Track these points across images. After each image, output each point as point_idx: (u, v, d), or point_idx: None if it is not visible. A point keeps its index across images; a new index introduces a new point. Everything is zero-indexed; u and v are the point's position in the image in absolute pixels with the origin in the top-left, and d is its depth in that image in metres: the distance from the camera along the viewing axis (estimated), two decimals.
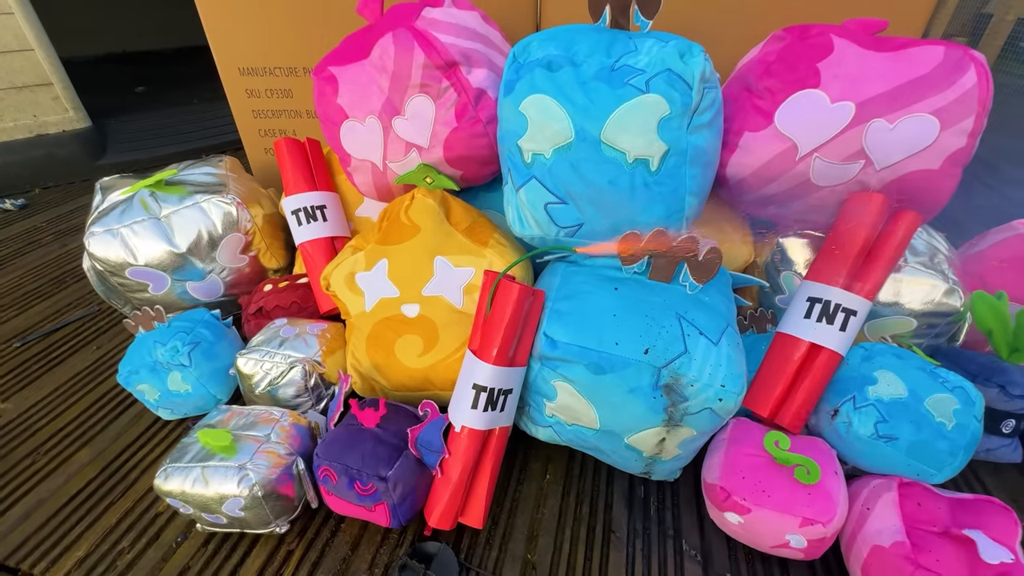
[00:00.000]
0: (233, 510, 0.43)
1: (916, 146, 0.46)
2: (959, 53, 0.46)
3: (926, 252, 0.56)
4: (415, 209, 0.55)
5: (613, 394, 0.44)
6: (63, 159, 1.22)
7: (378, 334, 0.53)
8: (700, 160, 0.46)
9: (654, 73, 0.43)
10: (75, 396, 0.65)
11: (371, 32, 0.56)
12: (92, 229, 0.62)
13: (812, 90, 0.48)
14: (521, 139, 0.48)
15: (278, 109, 0.81)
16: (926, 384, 0.45)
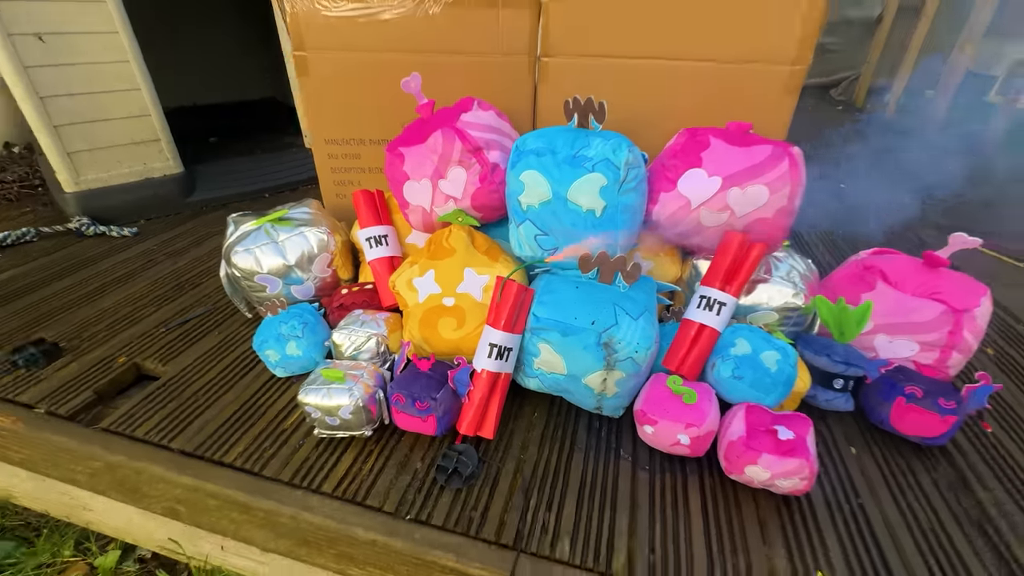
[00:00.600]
0: (344, 414, 0.71)
1: (757, 203, 0.77)
2: (781, 148, 0.77)
3: (785, 270, 0.85)
4: (452, 237, 0.85)
5: (573, 349, 0.73)
6: (163, 197, 1.56)
7: (426, 317, 0.82)
8: (628, 211, 0.77)
9: (598, 160, 0.74)
10: (212, 362, 0.94)
11: (426, 125, 0.88)
12: (236, 248, 0.92)
13: (697, 168, 0.78)
14: (520, 196, 0.79)
15: (348, 167, 1.14)
16: (762, 346, 0.73)
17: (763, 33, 0.86)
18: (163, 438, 0.78)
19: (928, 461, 0.77)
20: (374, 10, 0.97)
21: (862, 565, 0.62)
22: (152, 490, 0.77)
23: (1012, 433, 0.82)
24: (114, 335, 1.01)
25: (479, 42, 0.98)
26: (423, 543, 0.63)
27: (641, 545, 0.63)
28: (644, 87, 0.94)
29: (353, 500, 0.68)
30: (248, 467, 0.73)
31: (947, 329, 0.78)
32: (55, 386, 0.87)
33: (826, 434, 0.80)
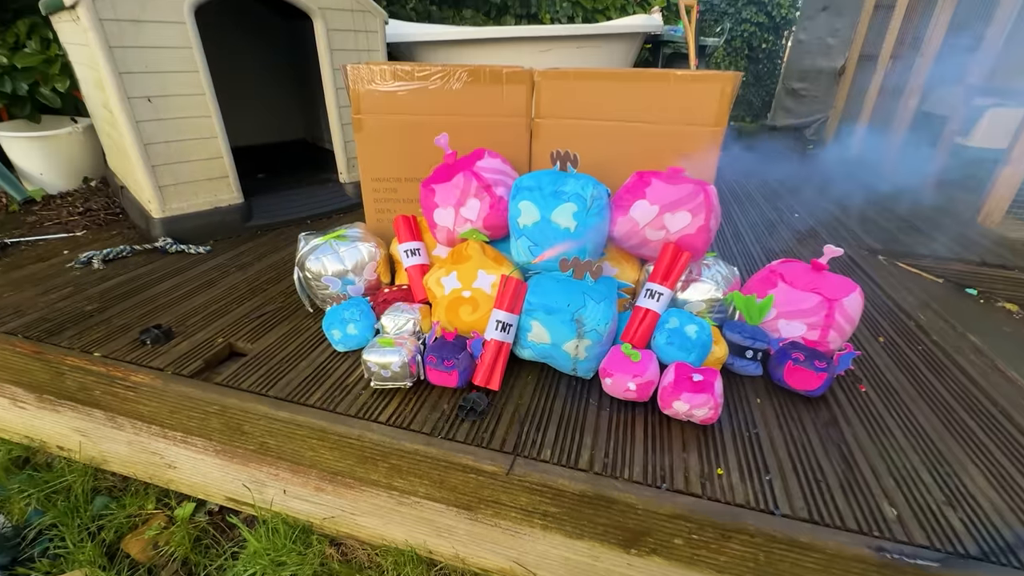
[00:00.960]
0: (395, 367, 1.02)
1: (683, 224, 1.09)
2: (699, 186, 1.10)
3: (711, 273, 1.17)
4: (469, 248, 1.18)
5: (555, 324, 1.04)
6: (228, 222, 1.90)
7: (451, 305, 1.14)
8: (594, 229, 1.09)
9: (571, 194, 1.07)
10: (287, 342, 1.24)
11: (451, 168, 1.22)
12: (308, 257, 1.25)
13: (642, 200, 1.11)
14: (518, 218, 1.12)
15: (388, 198, 1.48)
16: (686, 322, 1.04)
17: (694, 106, 1.21)
18: (261, 389, 1.08)
19: (812, 408, 1.06)
20: (412, 86, 1.33)
21: (748, 465, 0.91)
22: (252, 427, 1.07)
23: (880, 393, 1.12)
24: (210, 323, 1.32)
25: (489, 107, 1.34)
26: (450, 450, 0.93)
27: (599, 452, 0.93)
28: (608, 142, 1.29)
29: (401, 426, 0.98)
30: (325, 407, 1.03)
31: (823, 314, 1.09)
32: (174, 357, 1.18)
33: (740, 389, 1.10)
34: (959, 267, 1.89)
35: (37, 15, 2.21)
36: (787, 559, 0.80)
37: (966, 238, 2.12)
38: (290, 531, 1.25)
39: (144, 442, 1.33)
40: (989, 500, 0.85)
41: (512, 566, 1.12)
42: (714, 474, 0.89)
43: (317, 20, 1.92)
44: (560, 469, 0.89)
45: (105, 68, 1.52)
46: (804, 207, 2.48)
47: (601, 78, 1.26)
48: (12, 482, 1.43)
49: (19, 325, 1.29)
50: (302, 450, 1.05)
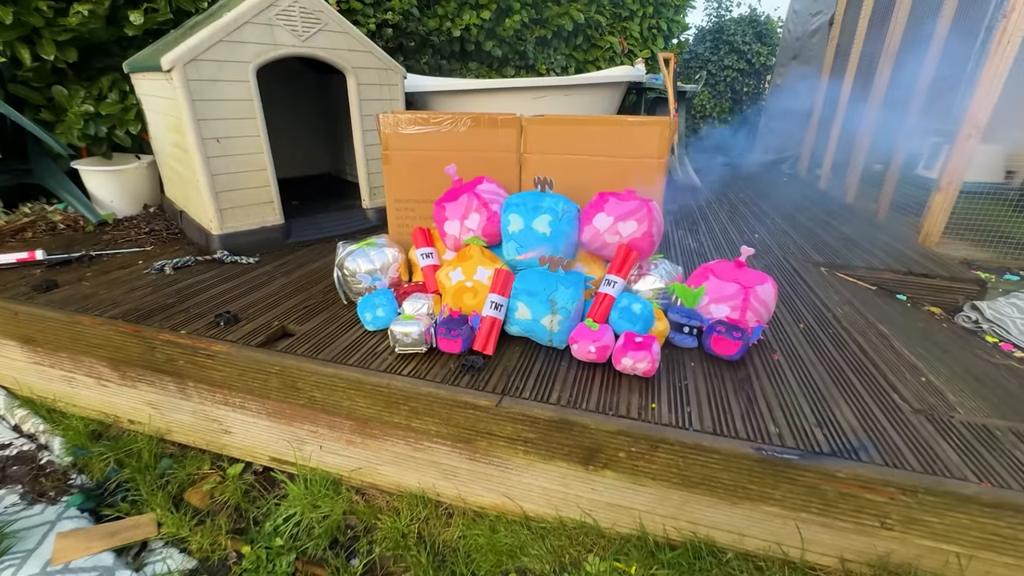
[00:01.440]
0: (415, 335, 1.36)
1: (632, 230, 1.45)
2: (643, 202, 1.46)
3: (659, 268, 1.52)
4: (471, 250, 1.53)
5: (535, 303, 1.38)
6: (272, 239, 2.28)
7: (456, 293, 1.49)
8: (565, 236, 1.45)
9: (547, 208, 1.44)
10: (328, 326, 1.59)
11: (458, 191, 1.59)
12: (346, 259, 1.61)
13: (601, 212, 1.48)
14: (508, 227, 1.48)
15: (407, 215, 1.86)
16: (632, 302, 1.38)
17: (641, 144, 1.60)
18: (311, 355, 1.42)
19: (733, 369, 1.38)
20: (429, 129, 1.73)
21: (675, 402, 1.22)
22: (304, 383, 1.40)
23: (789, 361, 1.44)
24: (265, 312, 1.67)
25: (488, 145, 1.73)
26: (455, 392, 1.25)
27: (565, 394, 1.25)
28: (578, 171, 1.67)
29: (418, 377, 1.31)
30: (362, 365, 1.36)
31: (741, 299, 1.43)
32: (243, 333, 1.53)
33: (678, 356, 1.42)
34: (889, 276, 2.23)
35: (118, 72, 2.69)
36: (698, 462, 1.11)
37: (902, 254, 2.46)
38: (323, 482, 1.55)
39: (207, 410, 1.65)
40: (848, 423, 1.16)
41: (503, 501, 1.41)
42: (649, 407, 1.21)
43: (350, 77, 2.36)
44: (536, 403, 1.21)
45: (187, 116, 1.94)
46: (765, 228, 2.85)
47: (572, 123, 1.65)
48: (93, 448, 1.76)
49: (117, 313, 1.65)
50: (342, 400, 1.38)
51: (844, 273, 2.26)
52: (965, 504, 0.97)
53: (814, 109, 4.58)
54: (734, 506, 1.17)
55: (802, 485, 1.05)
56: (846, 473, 1.01)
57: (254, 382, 1.47)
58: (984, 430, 1.15)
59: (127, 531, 1.46)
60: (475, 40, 3.83)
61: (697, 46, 6.81)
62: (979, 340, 1.95)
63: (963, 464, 1.03)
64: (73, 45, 2.48)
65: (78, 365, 1.78)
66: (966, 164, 2.59)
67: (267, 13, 2.02)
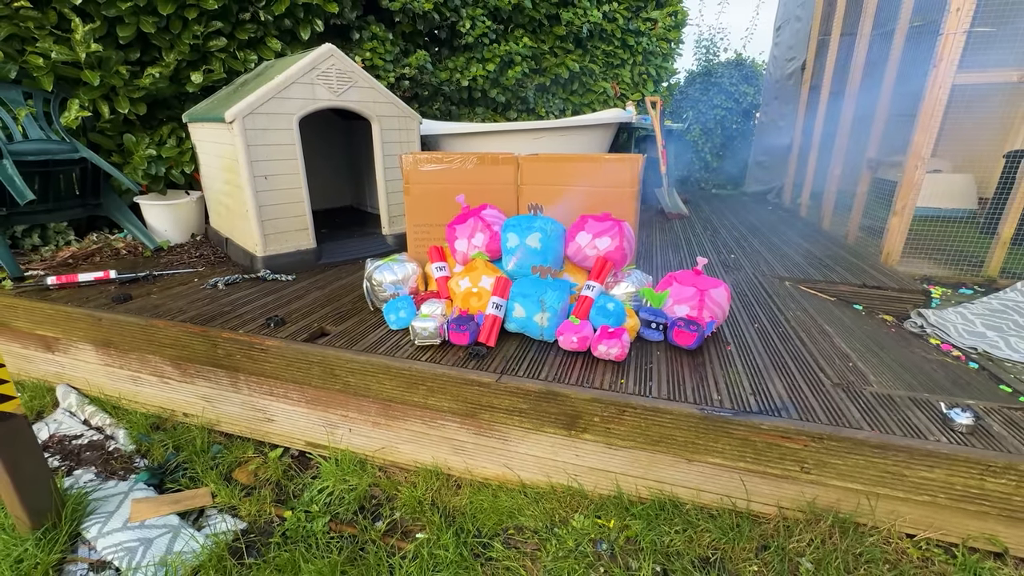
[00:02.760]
0: (431, 329, 1.68)
1: (606, 245, 1.78)
2: (616, 222, 1.80)
3: (631, 276, 1.85)
4: (477, 263, 1.87)
5: (528, 304, 1.71)
6: (306, 260, 2.65)
7: (465, 297, 1.82)
8: (552, 251, 1.79)
9: (538, 227, 1.78)
10: (358, 327, 1.92)
11: (466, 215, 1.95)
12: (374, 271, 1.96)
13: (583, 231, 1.82)
14: (507, 243, 1.83)
15: (424, 236, 2.21)
16: (607, 302, 1.70)
17: (616, 176, 1.95)
18: (347, 347, 1.74)
19: (691, 356, 1.68)
20: (443, 167, 2.11)
21: (641, 379, 1.52)
22: (340, 370, 1.72)
23: (739, 351, 1.73)
24: (306, 317, 2.01)
25: (490, 178, 2.10)
26: (464, 372, 1.56)
27: (552, 373, 1.55)
28: (565, 198, 2.02)
29: (434, 362, 1.62)
30: (388, 354, 1.68)
31: (698, 299, 1.74)
32: (289, 333, 1.86)
33: (647, 348, 1.73)
34: (846, 288, 2.52)
35: (176, 122, 3.15)
36: (655, 423, 1.40)
37: (861, 270, 2.76)
38: (352, 461, 1.84)
39: (254, 400, 1.97)
40: (778, 393, 1.45)
41: (504, 471, 1.70)
42: (619, 382, 1.51)
43: (375, 123, 2.79)
44: (528, 379, 1.52)
45: (242, 159, 2.35)
46: (741, 250, 3.17)
47: (559, 160, 2.02)
48: (154, 436, 2.07)
49: (185, 318, 2.00)
50: (371, 383, 1.69)
51: (806, 286, 2.56)
52: (859, 447, 1.24)
53: (794, 143, 4.98)
54: (690, 464, 1.45)
55: (736, 438, 1.33)
56: (768, 426, 1.30)
57: (298, 371, 1.79)
58: (888, 398, 1.43)
59: (188, 500, 1.76)
60: (481, 88, 4.32)
61: (688, 87, 7.34)
62: (922, 342, 2.22)
63: (862, 420, 1.31)
64: (144, 101, 2.95)
65: (145, 365, 2.12)
66: (916, 192, 2.92)
67: (310, 75, 2.46)
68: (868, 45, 3.65)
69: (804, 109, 4.79)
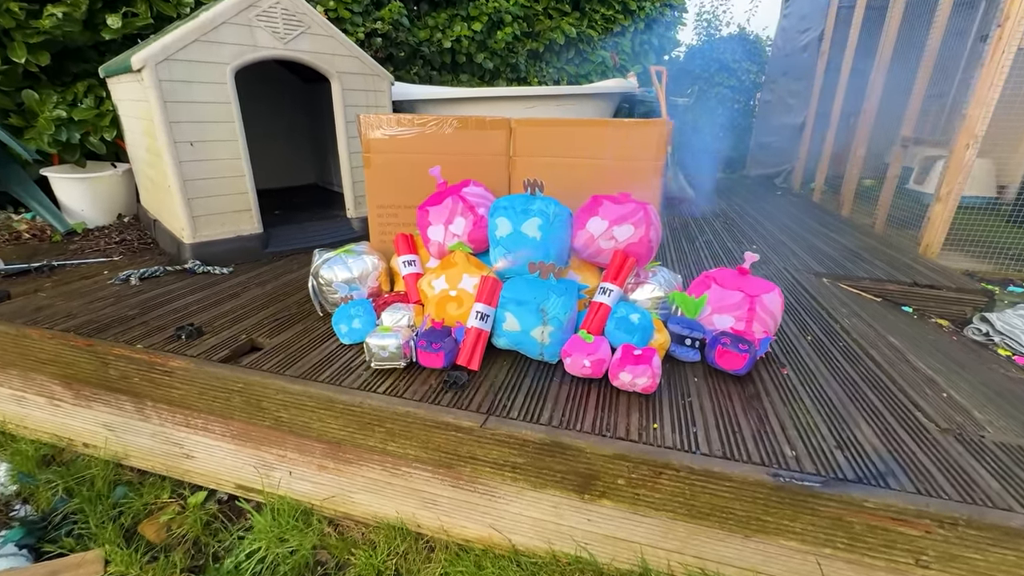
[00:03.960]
0: (392, 348, 1.24)
1: (628, 235, 1.35)
2: (640, 205, 1.36)
3: (657, 276, 1.42)
4: (456, 256, 1.43)
5: (524, 313, 1.27)
6: (249, 248, 2.16)
7: (440, 302, 1.37)
8: (556, 239, 1.35)
9: (537, 211, 1.34)
10: (301, 339, 1.46)
11: (442, 195, 1.49)
12: (322, 267, 1.50)
13: (595, 216, 1.38)
14: (496, 231, 1.38)
15: (389, 221, 1.75)
16: (630, 311, 1.28)
17: (638, 146, 1.51)
18: (279, 371, 1.29)
19: (740, 384, 1.27)
20: (413, 131, 1.64)
21: (679, 421, 1.11)
22: (269, 403, 1.27)
23: (799, 375, 1.33)
24: (234, 324, 1.54)
25: (475, 147, 1.64)
26: (435, 411, 1.13)
27: (557, 413, 1.13)
28: (570, 174, 1.58)
29: (396, 395, 1.18)
30: (333, 382, 1.23)
31: (747, 307, 1.32)
32: (205, 348, 1.40)
33: (681, 371, 1.31)
34: (894, 287, 2.14)
35: (94, 78, 2.59)
36: (706, 489, 0.99)
37: (904, 265, 2.39)
38: (292, 512, 1.41)
39: (168, 432, 1.51)
40: (871, 445, 1.05)
41: (490, 533, 1.28)
42: (650, 427, 1.09)
43: (334, 81, 2.28)
44: (524, 424, 1.09)
45: (158, 118, 1.84)
46: (762, 240, 2.77)
47: (564, 125, 1.57)
48: (41, 475, 1.59)
49: (71, 325, 1.52)
50: (311, 421, 1.25)
51: (847, 284, 2.17)
52: (1012, 539, 0.85)
53: (807, 122, 4.58)
54: (747, 539, 1.05)
55: (825, 517, 0.93)
56: (875, 503, 0.89)
57: (215, 401, 1.34)
58: (1021, 451, 1.04)
59: (69, 571, 1.30)
60: (466, 52, 3.80)
61: (688, 63, 6.87)
62: (991, 353, 1.85)
63: (1004, 491, 0.92)
64: (46, 48, 2.39)
65: (28, 383, 1.63)
66: (965, 174, 2.54)
67: (247, 13, 1.94)
68: (903, 11, 3.23)
69: (820, 84, 4.37)
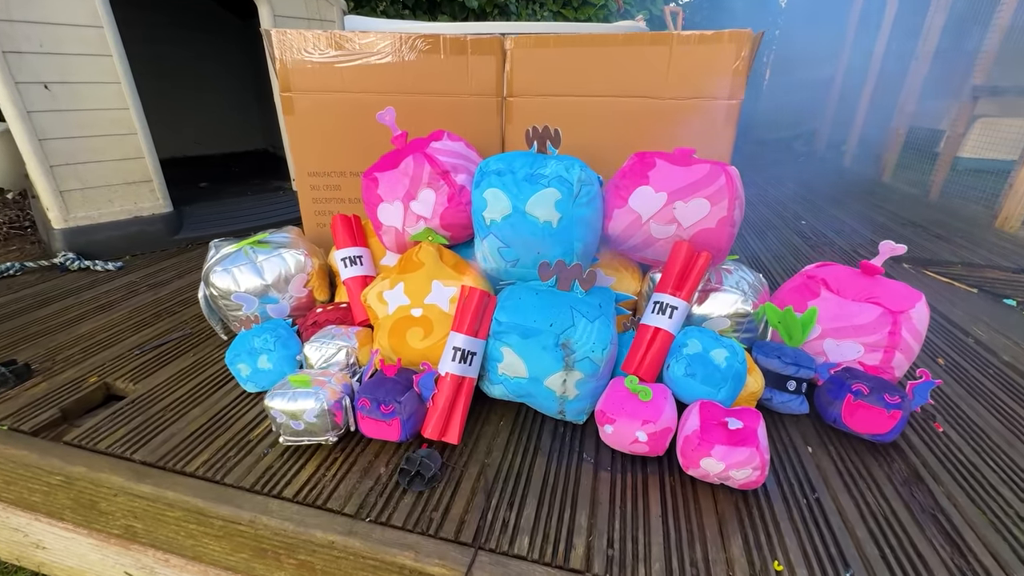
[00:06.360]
0: (309, 418, 0.72)
1: (700, 215, 0.83)
2: (718, 167, 0.84)
3: (735, 280, 0.91)
4: (421, 253, 0.90)
5: (533, 350, 0.76)
6: (151, 234, 1.60)
7: (396, 327, 0.85)
8: (583, 223, 0.83)
9: (552, 177, 0.81)
10: (183, 381, 0.94)
11: (399, 154, 0.95)
12: (215, 269, 0.96)
13: (645, 186, 0.86)
14: (484, 212, 0.85)
15: (329, 197, 1.20)
16: (711, 345, 0.77)
17: (702, 75, 0.98)
18: (125, 451, 0.77)
19: (882, 457, 0.79)
20: (355, 57, 1.08)
21: (818, 554, 0.62)
22: (110, 505, 0.76)
23: (962, 432, 0.85)
24: (87, 358, 1.01)
25: (451, 84, 1.09)
26: (381, 543, 0.63)
27: (599, 540, 0.64)
28: (597, 121, 1.04)
29: (313, 504, 0.68)
30: (210, 476, 0.72)
31: (887, 330, 0.83)
32: (22, 404, 0.87)
33: (783, 435, 0.82)
34: (994, 275, 1.67)
35: None
36: None
37: (990, 244, 1.92)
38: None
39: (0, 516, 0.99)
40: None
41: None
42: (771, 569, 0.60)
43: (262, 5, 1.67)
44: (543, 570, 0.60)
45: None
46: (810, 213, 2.27)
47: (586, 43, 1.02)
48: None
49: None
50: (178, 537, 0.74)
51: (934, 271, 1.69)
52: None
53: (835, 77, 4.02)
54: None
55: None
56: None
57: (32, 495, 0.82)
58: None
59: None
60: None
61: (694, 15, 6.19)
62: None
63: None
64: None
65: None
66: None
67: None
68: None
69: (855, 29, 3.79)
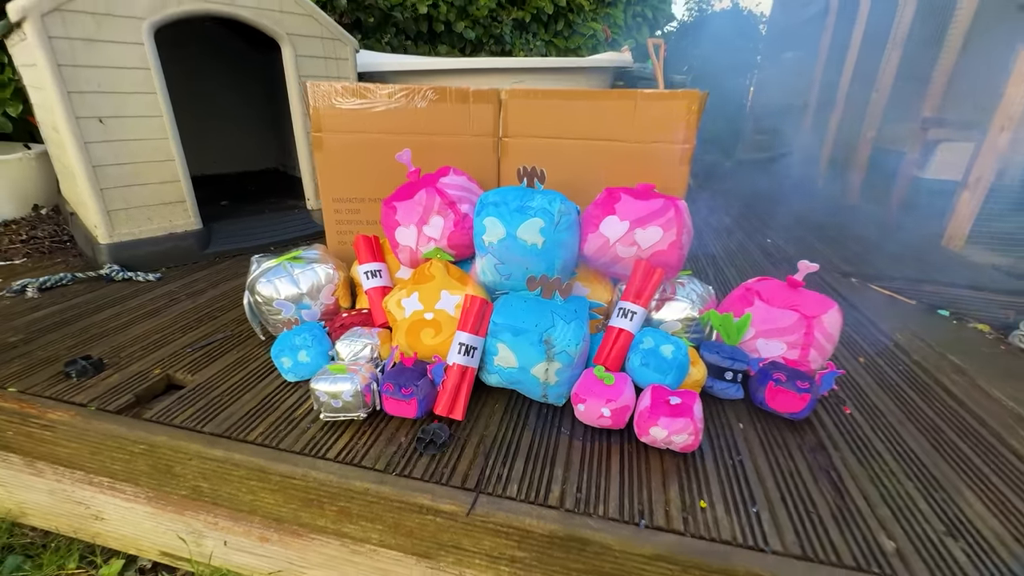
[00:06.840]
0: (346, 396, 0.92)
1: (655, 239, 1.05)
2: (670, 201, 1.06)
3: (686, 291, 1.13)
4: (432, 267, 1.11)
5: (522, 346, 0.97)
6: (183, 248, 1.80)
7: (412, 328, 1.06)
8: (562, 245, 1.04)
9: (538, 209, 1.02)
10: (232, 373, 1.14)
11: (414, 186, 1.16)
12: (260, 280, 1.16)
13: (612, 215, 1.07)
14: (483, 235, 1.06)
15: (350, 219, 1.41)
16: (661, 341, 0.98)
17: (661, 124, 1.20)
18: (195, 425, 0.96)
19: (797, 432, 1.00)
20: (376, 104, 1.29)
21: (734, 496, 0.83)
22: (184, 468, 0.95)
23: (865, 414, 1.07)
24: (147, 354, 1.20)
25: (455, 127, 1.31)
26: (405, 489, 0.82)
27: (571, 487, 0.84)
28: (577, 160, 1.26)
29: (351, 463, 0.88)
30: (267, 443, 0.92)
31: (803, 331, 1.05)
32: (102, 391, 1.06)
33: (721, 414, 1.03)
34: (930, 288, 1.90)
35: None
36: None
37: (935, 261, 2.16)
38: None
39: (68, 490, 1.17)
40: (991, 529, 0.79)
41: None
42: (697, 507, 0.80)
43: (285, 46, 1.90)
44: (527, 507, 0.79)
45: (52, 86, 1.45)
46: (776, 232, 2.51)
47: (568, 97, 1.24)
48: None
49: None
50: (240, 493, 0.93)
51: (878, 285, 1.92)
52: None
53: (809, 103, 4.32)
54: None
55: None
56: None
57: (114, 463, 1.01)
58: None
59: None
60: (445, 19, 3.40)
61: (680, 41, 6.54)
62: None
63: None
64: None
65: None
66: (996, 160, 2.31)
67: None
68: None
69: (824, 62, 4.10)
